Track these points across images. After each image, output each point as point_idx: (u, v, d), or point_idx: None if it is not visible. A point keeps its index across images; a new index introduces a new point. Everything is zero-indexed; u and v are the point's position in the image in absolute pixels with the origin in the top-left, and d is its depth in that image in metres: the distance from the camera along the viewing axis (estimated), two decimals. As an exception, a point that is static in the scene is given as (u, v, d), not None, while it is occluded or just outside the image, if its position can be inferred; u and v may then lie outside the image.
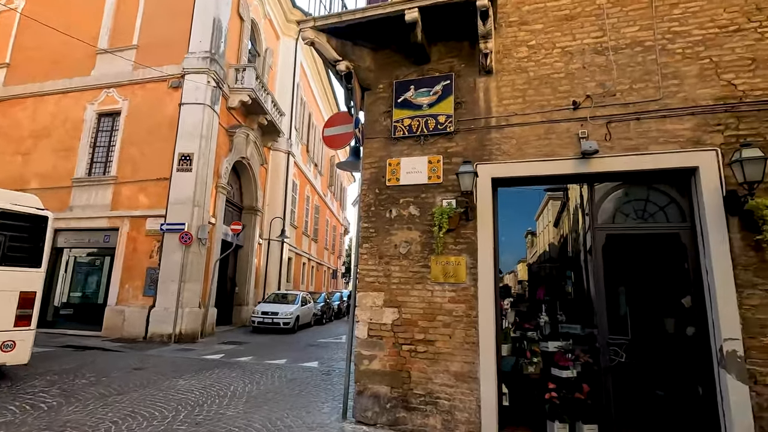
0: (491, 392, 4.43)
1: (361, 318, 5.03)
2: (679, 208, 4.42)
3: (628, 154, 4.46)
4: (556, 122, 4.77)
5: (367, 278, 5.12)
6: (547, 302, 6.02)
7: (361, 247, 5.24)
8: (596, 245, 4.58)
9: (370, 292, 5.08)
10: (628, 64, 4.66)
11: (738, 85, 4.27)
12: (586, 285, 5.76)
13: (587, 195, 4.74)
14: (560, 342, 5.09)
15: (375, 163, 5.41)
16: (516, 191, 5.19)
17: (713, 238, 4.06)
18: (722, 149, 4.19)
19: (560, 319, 5.65)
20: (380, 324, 4.96)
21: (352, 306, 5.30)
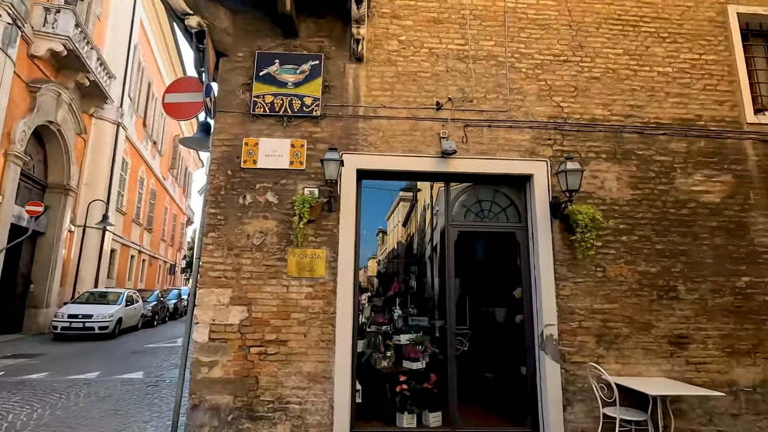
0: (345, 391, 4.25)
1: (202, 319, 4.31)
2: (517, 210, 4.96)
3: (480, 158, 4.81)
4: (421, 120, 4.87)
5: (212, 272, 4.42)
6: (400, 297, 6.19)
7: (206, 236, 4.51)
8: (449, 241, 4.82)
9: (215, 288, 4.39)
10: (483, 74, 5.03)
11: (564, 107, 5.00)
12: (434, 280, 6.08)
13: (444, 193, 4.96)
14: (412, 335, 5.24)
15: (228, 141, 4.72)
16: (377, 186, 5.15)
17: (541, 238, 4.65)
18: (551, 161, 4.84)
19: (412, 312, 5.86)
20: (225, 325, 4.32)
21: (190, 305, 4.51)
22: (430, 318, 5.77)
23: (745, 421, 4.40)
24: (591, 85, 5.07)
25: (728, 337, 4.56)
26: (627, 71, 5.12)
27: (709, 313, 4.59)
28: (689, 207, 4.81)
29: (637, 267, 4.65)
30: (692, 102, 5.08)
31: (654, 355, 4.48)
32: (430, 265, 6.62)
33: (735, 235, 4.77)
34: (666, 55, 5.19)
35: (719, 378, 4.47)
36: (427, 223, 6.54)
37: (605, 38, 5.19)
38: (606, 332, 4.50)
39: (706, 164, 4.92)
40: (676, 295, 4.62)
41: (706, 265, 4.69)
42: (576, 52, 5.14)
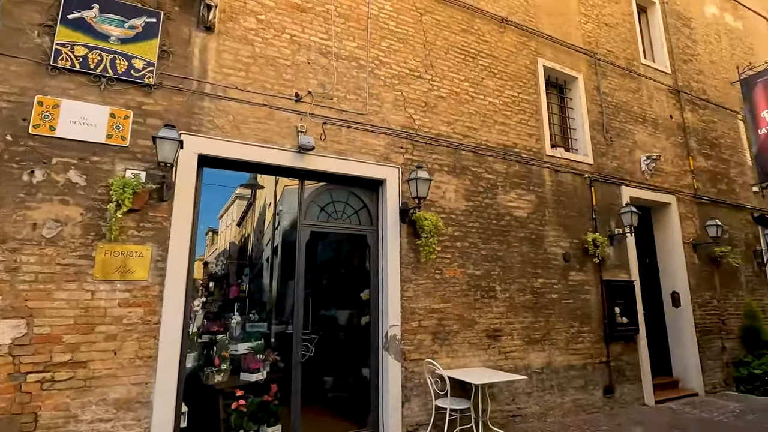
0: (167, 415, 3.55)
1: (-56, 339, 3.03)
2: (369, 213, 5.03)
3: (338, 157, 4.71)
4: (278, 109, 4.51)
5: (-32, 273, 3.16)
6: (239, 301, 5.62)
7: (-39, 222, 3.21)
8: (300, 241, 4.57)
9: (-28, 295, 3.15)
10: (345, 74, 4.97)
11: (416, 119, 5.32)
12: (275, 282, 5.73)
13: (298, 191, 4.68)
14: (251, 343, 4.78)
15: (11, 96, 3.49)
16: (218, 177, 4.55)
17: (390, 241, 4.81)
18: (402, 168, 5.07)
19: (252, 318, 5.37)
20: (-14, 346, 3.13)
21: None
22: (272, 323, 5.38)
23: (536, 397, 5.37)
24: (438, 103, 5.53)
25: (527, 329, 5.50)
26: (467, 96, 5.77)
27: (516, 310, 5.47)
28: (506, 219, 5.67)
29: (467, 270, 5.23)
30: (511, 131, 6.03)
31: (476, 347, 5.09)
32: (269, 268, 6.21)
33: (535, 245, 5.82)
34: (495, 88, 6.05)
35: (520, 363, 5.34)
36: (267, 223, 6.14)
37: (451, 63, 5.75)
38: (440, 330, 4.91)
39: (518, 185, 5.89)
40: (494, 295, 5.36)
41: (515, 269, 5.59)
42: (428, 71, 5.54)
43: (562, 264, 5.98)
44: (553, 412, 5.44)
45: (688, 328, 7.08)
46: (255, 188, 6.40)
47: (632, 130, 7.36)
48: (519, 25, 6.49)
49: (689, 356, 7.02)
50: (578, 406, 5.65)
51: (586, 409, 5.69)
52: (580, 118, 6.85)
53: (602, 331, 6.08)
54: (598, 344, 6.01)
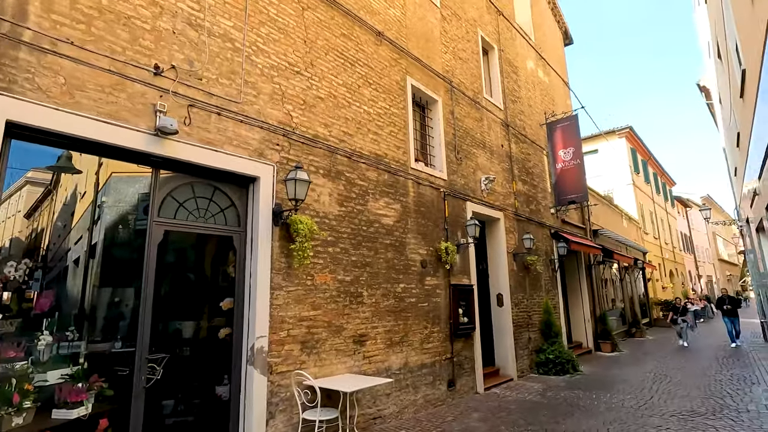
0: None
1: None
2: (237, 213, 4.52)
3: (205, 147, 4.11)
4: (131, 80, 3.69)
5: None
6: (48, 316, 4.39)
7: None
8: (151, 242, 3.81)
9: None
10: (218, 54, 4.40)
11: (294, 117, 5.05)
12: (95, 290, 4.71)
13: (152, 181, 3.90)
14: (69, 369, 3.77)
15: None
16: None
17: (261, 244, 4.41)
18: (278, 166, 4.73)
19: (70, 336, 4.25)
20: None
21: None
22: (93, 342, 4.34)
23: (394, 398, 5.62)
24: (317, 104, 5.37)
25: (389, 332, 5.74)
26: (344, 101, 5.76)
27: (380, 314, 5.65)
28: (374, 226, 5.83)
29: (337, 276, 5.17)
30: (382, 142, 6.26)
31: (343, 354, 5.05)
32: (83, 272, 5.04)
33: (398, 251, 6.14)
34: (370, 97, 6.20)
35: (382, 366, 5.53)
36: (78, 217, 4.99)
37: (331, 65, 5.67)
38: (309, 338, 4.71)
39: (387, 193, 6.13)
40: (362, 300, 5.43)
41: (381, 275, 5.78)
42: (308, 68, 5.33)
43: (419, 270, 6.44)
44: (407, 410, 5.78)
45: (507, 324, 8.45)
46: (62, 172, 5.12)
47: (476, 153, 8.47)
48: (393, 42, 6.82)
49: (507, 348, 8.37)
50: (428, 401, 6.13)
51: (433, 403, 6.22)
52: (438, 137, 7.56)
53: (448, 330, 6.76)
54: (444, 342, 6.65)
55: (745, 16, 6.00)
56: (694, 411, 5.78)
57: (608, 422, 5.41)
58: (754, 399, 6.31)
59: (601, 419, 5.54)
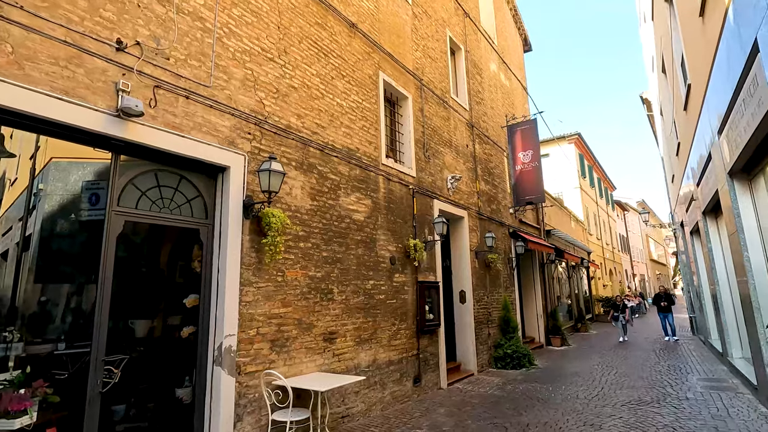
0: None
1: None
2: (205, 205, 4.25)
3: (171, 132, 3.81)
4: (90, 54, 3.34)
5: None
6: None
7: None
8: (110, 234, 3.48)
9: None
10: (187, 33, 4.10)
11: (266, 105, 4.82)
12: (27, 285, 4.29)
13: (111, 168, 3.57)
14: (8, 374, 3.37)
15: None
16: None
17: (230, 238, 4.17)
18: (249, 156, 4.50)
19: (8, 338, 3.82)
20: None
21: None
22: (39, 344, 3.93)
23: (362, 396, 5.55)
24: (290, 93, 5.16)
25: (358, 329, 5.66)
26: (317, 92, 5.59)
27: (350, 311, 5.55)
28: (346, 222, 5.72)
29: (308, 272, 5.01)
30: (355, 136, 6.15)
31: (313, 352, 4.91)
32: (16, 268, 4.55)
33: (369, 248, 6.06)
34: (343, 90, 6.07)
35: (351, 364, 5.44)
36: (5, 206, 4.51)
37: (305, 54, 5.48)
38: (279, 336, 4.54)
39: (358, 188, 6.03)
40: (332, 297, 5.30)
41: (351, 271, 5.69)
42: (281, 56, 5.12)
43: (389, 266, 6.41)
44: (375, 407, 5.74)
45: (469, 320, 8.64)
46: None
47: (443, 152, 8.57)
48: (366, 35, 6.71)
49: (468, 343, 8.56)
50: (395, 398, 6.12)
51: (400, 399, 6.23)
52: (408, 134, 7.56)
53: (415, 326, 6.79)
54: (411, 339, 6.67)
55: (693, 34, 6.47)
56: (641, 400, 6.19)
57: (566, 413, 5.67)
58: (691, 387, 6.86)
59: (559, 410, 5.79)
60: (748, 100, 4.14)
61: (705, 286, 10.48)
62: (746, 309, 5.64)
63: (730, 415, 5.33)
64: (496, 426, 5.18)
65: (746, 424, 4.94)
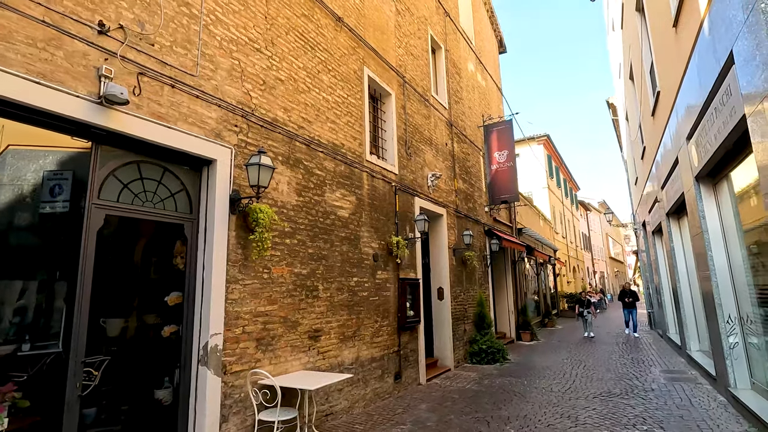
0: None
1: None
2: (189, 199, 4.08)
3: (156, 122, 3.63)
4: (70, 36, 3.13)
5: None
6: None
7: None
8: (90, 228, 3.29)
9: None
10: (173, 19, 3.91)
11: (253, 97, 4.68)
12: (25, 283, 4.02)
13: (92, 158, 3.36)
14: (-27, 377, 3.13)
15: None
16: None
17: (217, 234, 4.04)
18: (236, 149, 4.36)
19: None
20: None
21: None
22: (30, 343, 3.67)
23: (345, 393, 5.52)
24: (277, 86, 5.04)
25: (342, 327, 5.62)
26: (304, 86, 5.48)
27: (334, 308, 5.50)
28: (331, 218, 5.65)
29: (294, 269, 4.92)
30: (340, 132, 6.08)
31: (298, 350, 4.84)
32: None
33: (353, 245, 6.02)
34: (329, 84, 5.98)
35: (335, 361, 5.40)
36: None
37: (292, 46, 5.35)
38: (265, 335, 4.43)
39: (343, 185, 5.97)
40: (317, 294, 5.24)
41: (336, 268, 5.63)
42: (268, 47, 4.98)
43: (372, 263, 6.39)
44: (358, 404, 5.73)
45: (447, 317, 8.76)
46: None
47: (424, 149, 8.62)
48: (352, 29, 6.64)
49: (446, 339, 8.69)
50: (377, 394, 6.13)
51: (382, 396, 6.24)
52: (391, 131, 7.55)
53: (396, 323, 6.82)
54: (392, 336, 6.70)
55: (665, 43, 6.79)
56: (611, 392, 6.49)
57: (543, 406, 5.86)
58: (655, 379, 7.26)
59: (536, 404, 5.98)
60: (720, 108, 4.39)
61: (665, 283, 11.09)
62: (708, 305, 6.01)
63: (693, 404, 5.68)
64: (478, 420, 5.28)
65: (708, 413, 5.28)
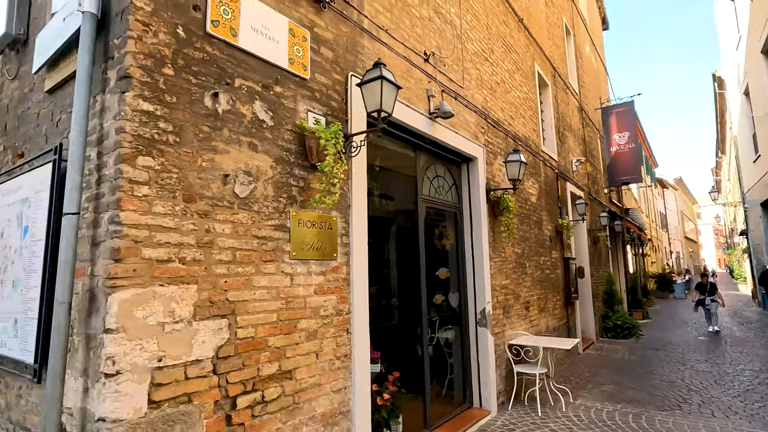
0: (366, 425, 2.92)
1: (126, 360, 1.79)
2: (458, 190, 4.92)
3: (451, 129, 4.45)
4: (414, 66, 3.97)
5: (150, 250, 1.91)
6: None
7: (131, 163, 1.89)
8: (420, 217, 4.19)
9: (160, 286, 1.93)
10: (450, 41, 4.68)
11: (488, 101, 5.41)
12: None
13: (416, 160, 4.24)
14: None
15: (172, -38, 2.15)
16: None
17: (482, 220, 4.86)
18: (485, 148, 5.14)
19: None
20: (185, 365, 1.99)
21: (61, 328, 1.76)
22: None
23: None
24: (496, 89, 5.73)
25: (538, 299, 6.38)
26: (508, 86, 6.14)
27: (534, 283, 6.26)
28: (528, 204, 6.36)
29: (515, 248, 5.71)
30: (527, 125, 6.72)
31: (520, 318, 5.66)
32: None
33: (539, 227, 6.72)
34: (519, 83, 6.60)
35: (538, 329, 6.19)
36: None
37: (500, 51, 6.01)
38: (506, 304, 5.27)
39: (532, 174, 6.64)
40: (525, 271, 6.01)
41: (533, 249, 6.36)
42: (491, 55, 5.67)
43: (549, 244, 7.07)
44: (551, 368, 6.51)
45: (588, 293, 9.32)
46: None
47: (568, 136, 9.07)
48: (527, 28, 7.16)
49: (589, 314, 9.27)
50: (557, 360, 6.90)
51: (560, 361, 7.00)
52: (549, 121, 8.08)
53: (563, 298, 7.50)
54: (562, 309, 7.40)
55: None
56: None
57: (699, 371, 6.34)
58: (818, 355, 7.48)
59: (693, 368, 6.48)
60: None
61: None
62: None
63: None
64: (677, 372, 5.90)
65: None
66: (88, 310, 1.86)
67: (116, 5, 2.03)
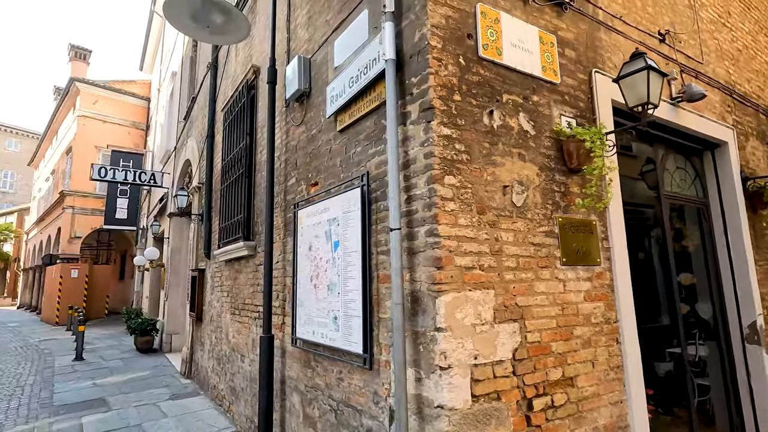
0: (643, 442, 2.70)
1: (456, 358, 2.01)
2: (702, 183, 4.25)
3: (695, 112, 3.87)
4: (649, 49, 3.59)
5: (461, 258, 2.13)
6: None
7: (442, 182, 2.14)
8: (665, 216, 3.73)
9: (469, 290, 2.13)
10: (683, 13, 4.10)
11: (731, 74, 4.55)
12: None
13: (654, 153, 3.82)
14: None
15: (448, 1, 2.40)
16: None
17: (741, 215, 4.06)
18: (735, 130, 4.31)
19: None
20: (492, 364, 2.14)
21: (398, 325, 2.09)
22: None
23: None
24: (739, 57, 4.78)
25: None
26: (753, 52, 5.05)
27: None
28: (790, 192, 5.06)
29: None
30: (778, 95, 5.39)
31: None
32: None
33: None
34: (766, 45, 5.37)
35: None
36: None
37: (738, 12, 5.00)
38: (778, 317, 4.27)
39: (792, 154, 5.28)
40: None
41: (803, 247, 5.02)
42: (729, 20, 4.76)
43: None
44: None
45: None
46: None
47: (834, 100, 6.94)
48: (766, -23, 5.80)
49: None
50: None
51: None
52: (806, 85, 6.32)
53: None
54: None
55: None
56: None
57: None
58: None
59: None
60: None
61: None
62: None
63: None
64: None
65: None
66: (412, 311, 2.18)
67: (409, 49, 2.37)
